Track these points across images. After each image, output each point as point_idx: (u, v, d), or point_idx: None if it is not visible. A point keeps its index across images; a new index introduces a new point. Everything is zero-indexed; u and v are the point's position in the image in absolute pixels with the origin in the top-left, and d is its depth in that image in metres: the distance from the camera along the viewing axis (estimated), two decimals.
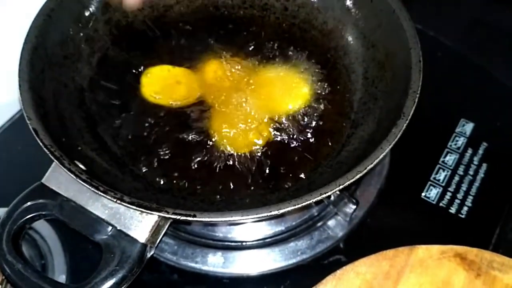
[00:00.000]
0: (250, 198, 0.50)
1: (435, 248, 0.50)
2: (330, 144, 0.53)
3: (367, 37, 0.58)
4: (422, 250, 0.50)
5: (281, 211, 0.39)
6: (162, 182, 0.51)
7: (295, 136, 0.52)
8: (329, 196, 0.42)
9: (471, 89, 0.68)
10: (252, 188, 0.50)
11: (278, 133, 0.53)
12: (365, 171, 0.41)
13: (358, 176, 0.41)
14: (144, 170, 0.51)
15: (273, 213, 0.39)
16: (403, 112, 0.45)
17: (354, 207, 0.52)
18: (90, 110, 0.54)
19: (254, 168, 0.51)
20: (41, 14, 0.52)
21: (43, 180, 0.43)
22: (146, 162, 0.52)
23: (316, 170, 0.51)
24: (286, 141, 0.52)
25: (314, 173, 0.50)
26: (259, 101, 0.54)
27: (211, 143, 0.53)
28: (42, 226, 0.52)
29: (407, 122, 0.44)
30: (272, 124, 0.53)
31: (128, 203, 0.40)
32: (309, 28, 0.63)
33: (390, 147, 0.43)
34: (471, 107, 0.66)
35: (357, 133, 0.52)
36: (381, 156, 0.42)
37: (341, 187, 0.40)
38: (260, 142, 0.52)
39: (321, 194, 0.40)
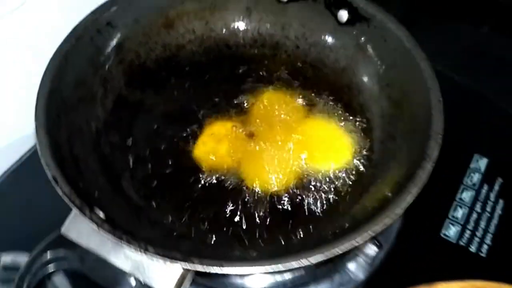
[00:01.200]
0: (272, 244, 0.48)
1: (454, 285, 0.49)
2: (350, 185, 0.52)
3: (381, 75, 0.58)
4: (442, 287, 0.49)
5: (312, 260, 0.38)
6: (180, 228, 0.49)
7: (319, 181, 0.52)
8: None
9: (482, 124, 0.68)
10: (275, 234, 0.49)
11: (305, 178, 0.52)
12: (396, 217, 0.40)
13: (389, 223, 0.40)
14: (161, 215, 0.50)
15: (304, 262, 0.38)
16: (427, 154, 0.45)
17: (377, 250, 0.51)
18: (104, 153, 0.53)
19: (276, 213, 0.50)
20: (56, 57, 0.51)
21: (62, 230, 0.42)
22: (164, 206, 0.51)
23: (338, 213, 0.50)
24: (311, 186, 0.52)
25: (338, 218, 0.49)
26: (298, 149, 0.54)
27: (231, 185, 0.52)
28: (56, 277, 0.50)
29: (433, 164, 0.44)
30: (301, 170, 0.53)
31: (153, 253, 0.38)
32: (321, 66, 0.63)
33: (418, 190, 0.42)
34: (483, 142, 0.66)
35: (377, 174, 0.52)
36: (410, 201, 0.41)
37: (372, 234, 0.39)
38: (287, 184, 0.51)
39: (351, 241, 0.39)
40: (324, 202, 0.51)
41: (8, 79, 0.56)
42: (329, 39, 0.63)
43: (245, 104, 0.60)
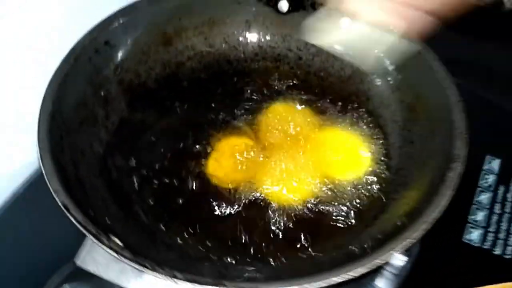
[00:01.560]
0: (295, 261, 0.46)
1: None
2: (372, 195, 0.50)
3: (391, 80, 0.57)
4: None
5: (354, 273, 0.35)
6: (198, 250, 0.46)
7: (339, 193, 0.50)
8: None
9: (490, 124, 0.67)
10: (296, 250, 0.47)
11: (324, 190, 0.50)
12: (433, 221, 0.39)
13: (427, 228, 0.38)
14: (176, 238, 0.47)
15: (346, 276, 0.35)
16: (456, 154, 0.43)
17: (406, 259, 0.48)
18: (111, 177, 0.50)
19: (295, 229, 0.48)
20: (56, 78, 0.49)
21: (77, 262, 0.38)
22: (177, 228, 0.48)
23: (363, 225, 0.48)
24: (330, 198, 0.50)
25: (365, 229, 0.47)
26: (314, 161, 0.52)
27: (246, 203, 0.49)
28: None
29: (464, 165, 0.42)
30: (319, 182, 0.51)
31: (182, 279, 0.35)
32: (326, 76, 0.62)
33: (452, 192, 0.40)
34: (494, 143, 0.65)
35: (399, 180, 0.50)
36: (445, 204, 0.40)
37: (413, 241, 0.37)
38: (305, 198, 0.49)
39: (389, 251, 0.37)
40: (346, 214, 0.49)
41: (8, 79, 0.52)
42: (333, 48, 0.61)
43: (253, 119, 0.57)
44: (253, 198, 0.50)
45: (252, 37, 0.64)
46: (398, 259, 0.50)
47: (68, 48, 0.51)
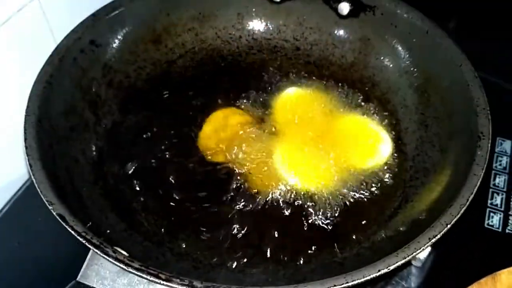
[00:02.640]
0: (318, 260, 0.42)
1: None
2: (391, 183, 0.47)
3: (396, 64, 0.54)
4: (505, 275, 0.45)
5: (391, 267, 0.32)
6: (209, 256, 0.42)
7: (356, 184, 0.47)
8: None
9: (496, 106, 0.65)
10: (316, 248, 0.43)
11: (340, 182, 0.47)
12: (467, 202, 0.35)
13: (463, 210, 0.35)
14: (186, 246, 0.43)
15: (381, 272, 0.32)
16: (480, 132, 0.40)
17: (430, 249, 0.45)
18: (107, 185, 0.46)
19: (316, 225, 0.44)
20: (40, 81, 0.44)
21: (79, 279, 0.34)
22: (184, 235, 0.44)
23: (383, 214, 0.44)
24: (348, 190, 0.46)
25: (385, 218, 0.44)
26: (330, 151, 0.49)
27: (259, 195, 0.46)
28: None
29: (490, 141, 0.39)
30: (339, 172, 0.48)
31: None
32: (327, 64, 0.59)
33: (483, 170, 0.37)
34: (503, 124, 0.62)
35: (418, 166, 0.47)
36: (477, 183, 0.37)
37: (449, 226, 0.34)
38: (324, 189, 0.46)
39: (432, 239, 0.33)
40: (365, 206, 0.45)
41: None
42: (332, 35, 0.58)
43: (255, 111, 0.54)
44: (266, 195, 0.47)
45: (246, 30, 0.60)
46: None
47: None
